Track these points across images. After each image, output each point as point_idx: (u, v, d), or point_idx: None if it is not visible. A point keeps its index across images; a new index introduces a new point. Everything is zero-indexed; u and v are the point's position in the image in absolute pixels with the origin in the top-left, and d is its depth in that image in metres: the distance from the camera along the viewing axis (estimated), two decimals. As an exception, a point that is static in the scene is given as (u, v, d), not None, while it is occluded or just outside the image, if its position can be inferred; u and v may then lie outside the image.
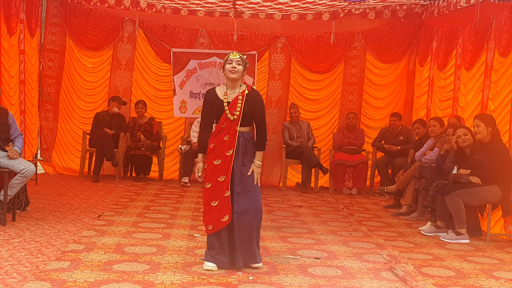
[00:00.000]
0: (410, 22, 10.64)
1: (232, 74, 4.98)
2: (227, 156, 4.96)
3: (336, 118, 10.99)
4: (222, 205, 4.95)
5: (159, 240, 5.93)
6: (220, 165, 4.96)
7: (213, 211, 4.99)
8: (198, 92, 10.90)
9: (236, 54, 5.04)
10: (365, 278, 4.92)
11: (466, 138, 6.88)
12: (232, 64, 4.98)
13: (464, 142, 6.88)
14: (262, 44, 10.93)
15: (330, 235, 6.59)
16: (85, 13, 10.63)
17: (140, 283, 4.50)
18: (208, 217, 5.02)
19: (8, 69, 8.52)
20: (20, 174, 6.36)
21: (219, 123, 5.01)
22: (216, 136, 5.02)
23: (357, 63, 10.94)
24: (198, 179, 5.21)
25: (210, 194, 5.01)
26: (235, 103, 4.97)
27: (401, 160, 9.34)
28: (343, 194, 9.82)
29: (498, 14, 7.43)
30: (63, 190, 8.76)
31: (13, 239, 5.63)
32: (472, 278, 5.08)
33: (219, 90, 5.08)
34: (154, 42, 10.86)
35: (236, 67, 4.97)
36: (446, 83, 9.06)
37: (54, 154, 10.74)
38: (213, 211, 4.99)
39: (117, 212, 7.30)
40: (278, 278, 4.82)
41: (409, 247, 6.21)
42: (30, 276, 4.52)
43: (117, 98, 10.31)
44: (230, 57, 5.03)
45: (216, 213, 4.97)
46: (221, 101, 5.00)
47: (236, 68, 4.95)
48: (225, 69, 5.02)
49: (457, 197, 6.53)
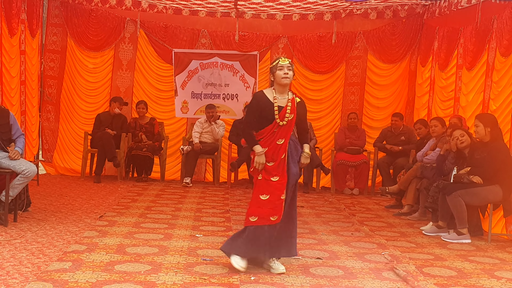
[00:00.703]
0: (411, 22, 10.64)
1: (285, 80, 5.01)
2: (282, 159, 5.01)
3: (338, 119, 10.99)
4: (275, 205, 4.95)
5: (161, 240, 5.94)
6: (275, 167, 4.99)
7: (262, 204, 4.97)
8: (199, 92, 10.91)
9: (285, 60, 5.06)
10: (366, 278, 4.92)
11: (464, 139, 6.92)
12: (284, 70, 5.00)
13: (462, 143, 6.92)
14: (264, 44, 10.93)
15: (331, 235, 6.59)
16: (86, 14, 10.63)
17: (142, 283, 4.50)
18: (254, 209, 4.99)
19: (9, 69, 8.54)
20: (21, 174, 6.36)
21: (271, 126, 5.02)
22: (267, 139, 5.02)
23: (358, 63, 10.94)
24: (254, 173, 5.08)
25: (260, 186, 5.00)
26: (285, 109, 5.02)
27: (402, 160, 9.33)
28: (345, 194, 9.81)
29: (500, 14, 7.42)
30: (64, 191, 8.77)
31: (15, 240, 5.63)
32: (473, 278, 5.08)
33: (268, 93, 5.09)
34: (155, 43, 10.86)
35: (288, 72, 5.01)
36: (448, 83, 9.06)
37: (56, 155, 10.75)
38: (262, 204, 4.97)
39: (119, 212, 7.30)
40: (280, 278, 4.82)
41: (411, 247, 6.20)
42: (31, 276, 4.52)
43: (118, 99, 10.32)
44: (280, 63, 5.03)
45: (266, 209, 4.95)
46: (271, 105, 5.02)
47: (288, 74, 4.99)
48: (276, 75, 5.03)
49: (458, 197, 6.53)
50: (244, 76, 10.91)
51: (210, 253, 5.53)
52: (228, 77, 10.93)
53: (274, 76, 5.04)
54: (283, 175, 4.99)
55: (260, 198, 4.98)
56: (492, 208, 6.63)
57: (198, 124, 10.34)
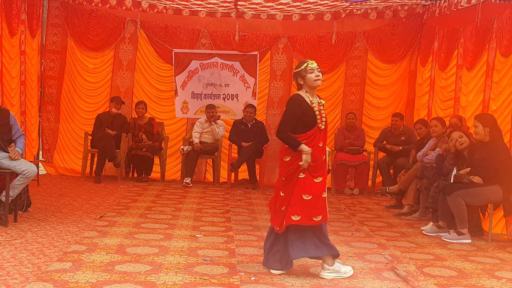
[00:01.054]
0: (411, 22, 10.64)
1: (318, 82, 5.00)
2: (324, 160, 5.07)
3: (338, 119, 10.99)
4: (317, 203, 4.94)
5: (161, 240, 5.94)
6: (318, 167, 5.00)
7: (304, 204, 4.93)
8: (199, 92, 10.91)
9: (313, 62, 5.04)
10: (367, 278, 4.92)
11: (463, 141, 6.94)
12: (315, 72, 4.97)
13: (461, 144, 6.94)
14: (264, 44, 10.93)
15: (332, 235, 6.57)
16: (86, 14, 10.64)
17: (142, 283, 4.50)
18: (296, 208, 4.93)
19: (9, 70, 8.54)
20: (21, 175, 6.36)
21: (313, 131, 4.99)
22: (308, 143, 4.98)
23: (358, 64, 10.94)
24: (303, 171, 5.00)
25: (304, 186, 4.96)
26: (321, 113, 5.04)
27: (402, 160, 9.33)
28: (345, 194, 9.82)
29: (500, 14, 7.42)
30: (65, 191, 8.77)
31: (15, 240, 5.64)
32: (473, 278, 5.08)
33: (305, 97, 5.04)
34: (155, 43, 10.86)
35: (319, 74, 5.00)
36: (448, 83, 9.06)
37: (56, 155, 10.75)
38: (304, 204, 4.93)
39: (119, 212, 7.30)
40: (280, 278, 4.82)
41: (411, 247, 6.20)
42: (32, 277, 4.53)
43: (115, 99, 10.31)
44: (309, 66, 4.99)
45: (308, 208, 4.92)
46: (311, 109, 4.99)
47: (320, 76, 4.99)
48: (308, 78, 4.98)
49: (458, 197, 6.53)
50: (244, 76, 10.91)
51: (210, 253, 5.53)
52: (228, 77, 10.93)
53: (305, 80, 4.98)
54: (325, 176, 5.05)
55: (303, 198, 4.94)
56: (492, 208, 6.63)
57: (198, 124, 10.35)
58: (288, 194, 4.98)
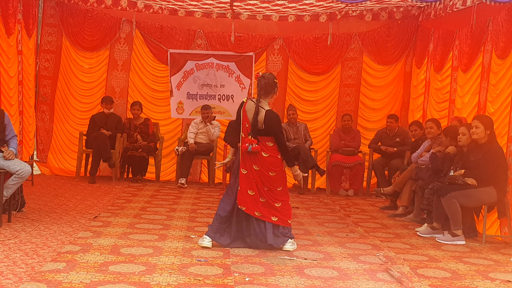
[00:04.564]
0: (406, 24, 10.66)
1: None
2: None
3: (333, 120, 10.99)
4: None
5: (155, 241, 5.93)
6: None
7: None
8: (195, 93, 10.90)
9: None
10: (361, 279, 4.93)
11: (476, 131, 6.65)
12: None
13: (474, 134, 6.66)
14: (260, 45, 10.93)
15: (326, 236, 6.59)
16: (81, 14, 10.61)
17: (136, 284, 4.49)
18: (290, 213, 6.03)
19: (7, 69, 8.52)
20: (16, 175, 6.34)
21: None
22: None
23: (354, 65, 10.95)
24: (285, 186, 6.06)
25: (287, 194, 6.05)
26: None
27: (397, 162, 9.35)
28: (340, 196, 9.82)
29: (495, 16, 7.43)
30: (59, 191, 8.75)
31: (9, 240, 5.62)
32: (467, 279, 5.08)
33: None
34: (151, 43, 10.85)
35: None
36: (443, 85, 9.08)
37: (50, 155, 10.72)
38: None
39: (114, 213, 7.29)
40: (274, 279, 4.82)
41: (405, 248, 6.21)
42: (25, 277, 4.51)
43: (105, 99, 10.29)
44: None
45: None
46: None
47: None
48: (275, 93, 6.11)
49: (453, 198, 6.54)
50: (239, 77, 10.91)
51: (204, 254, 5.53)
52: (223, 78, 10.92)
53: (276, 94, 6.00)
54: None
55: (289, 205, 5.99)
56: (486, 209, 6.64)
57: (193, 125, 10.34)
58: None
